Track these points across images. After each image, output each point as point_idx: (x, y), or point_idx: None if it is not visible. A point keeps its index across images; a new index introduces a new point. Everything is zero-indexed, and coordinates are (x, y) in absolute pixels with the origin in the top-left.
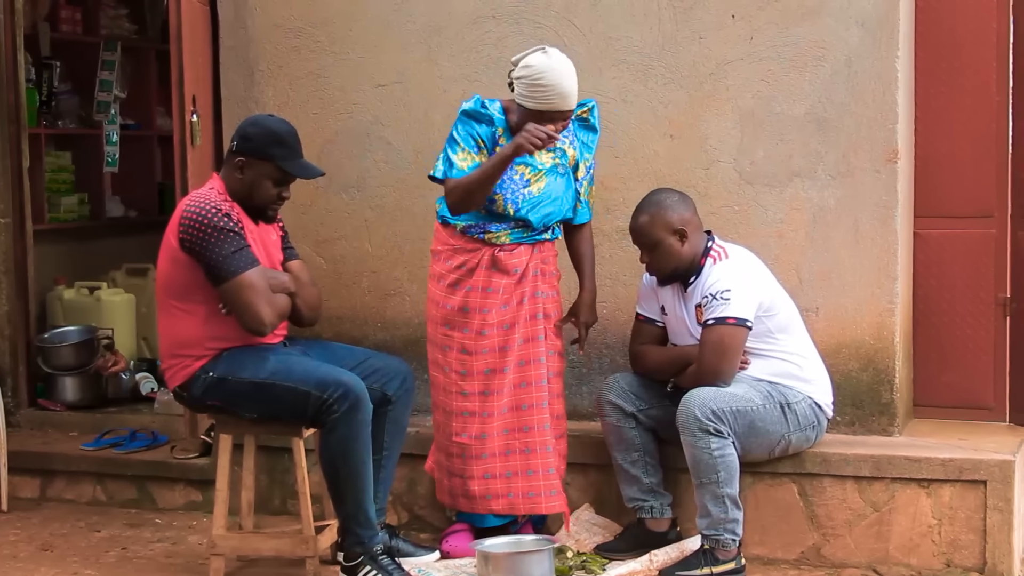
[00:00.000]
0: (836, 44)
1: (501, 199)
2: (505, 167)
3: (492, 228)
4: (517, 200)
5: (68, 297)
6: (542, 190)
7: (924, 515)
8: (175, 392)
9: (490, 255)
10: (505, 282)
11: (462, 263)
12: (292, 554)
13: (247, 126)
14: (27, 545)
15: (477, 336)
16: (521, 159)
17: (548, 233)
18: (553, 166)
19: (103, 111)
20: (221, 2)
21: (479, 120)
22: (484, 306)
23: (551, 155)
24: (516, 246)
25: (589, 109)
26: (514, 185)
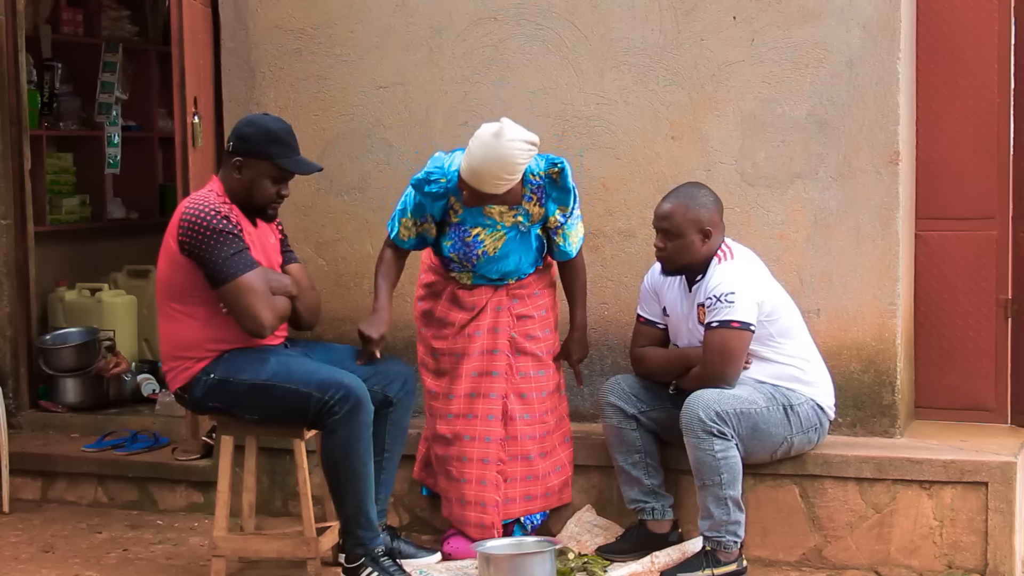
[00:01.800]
0: (837, 46)
1: (457, 257)
2: None
3: (455, 269)
4: (472, 259)
5: (69, 299)
6: (498, 249)
7: (925, 517)
8: (176, 394)
9: (451, 290)
10: (461, 316)
11: (432, 282)
12: (293, 555)
13: (242, 126)
14: (28, 546)
15: (432, 357)
16: (475, 222)
17: (513, 278)
18: (514, 226)
19: (104, 113)
20: (222, 4)
21: (427, 194)
22: (440, 334)
23: (512, 213)
24: (477, 287)
25: (560, 171)
26: (467, 247)
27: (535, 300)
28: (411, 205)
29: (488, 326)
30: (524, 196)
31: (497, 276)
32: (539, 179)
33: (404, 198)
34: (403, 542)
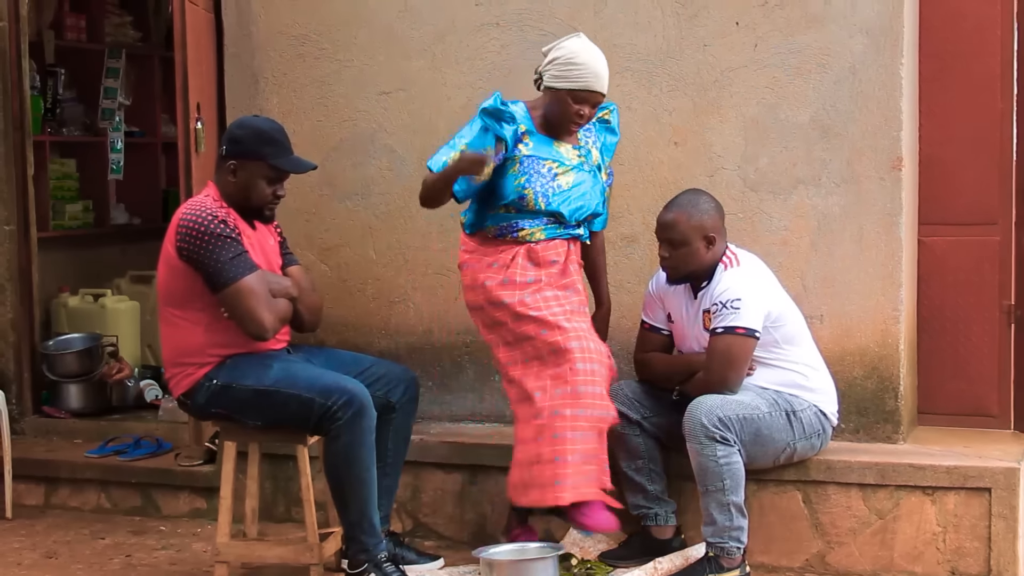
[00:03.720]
0: (840, 52)
1: (531, 193)
2: (452, 180)
3: (525, 225)
4: (547, 192)
5: (72, 304)
6: (571, 183)
7: (929, 523)
8: (179, 400)
9: (525, 250)
10: (546, 272)
11: (493, 262)
12: (296, 561)
13: (234, 129)
14: (31, 552)
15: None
16: (547, 155)
17: (582, 229)
18: (579, 163)
19: (107, 118)
20: (225, 10)
21: (499, 118)
22: (526, 288)
23: (576, 152)
24: (550, 241)
25: (610, 111)
26: (542, 179)
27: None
28: (473, 134)
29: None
30: (580, 138)
31: (571, 215)
32: (590, 124)
33: (459, 134)
34: (406, 548)
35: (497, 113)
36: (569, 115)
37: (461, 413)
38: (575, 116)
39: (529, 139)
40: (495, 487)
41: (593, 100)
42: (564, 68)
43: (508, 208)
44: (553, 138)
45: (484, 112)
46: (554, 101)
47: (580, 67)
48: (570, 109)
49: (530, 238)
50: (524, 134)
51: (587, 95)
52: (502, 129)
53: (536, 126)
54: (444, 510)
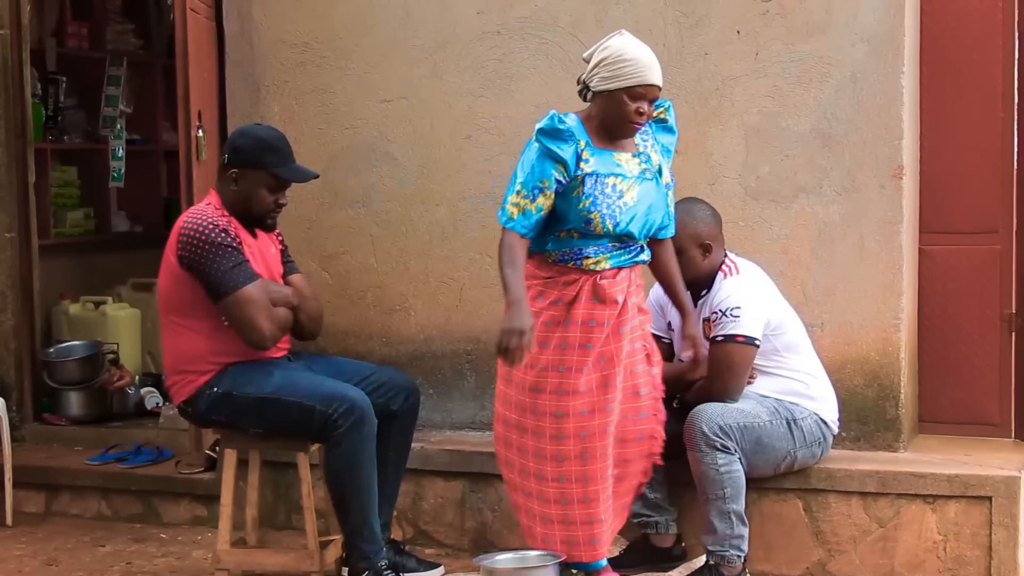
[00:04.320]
0: (841, 60)
1: (598, 217)
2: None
3: (590, 252)
4: (615, 214)
5: (73, 312)
6: (636, 199)
7: (929, 531)
8: (180, 407)
9: (591, 285)
10: (608, 313)
11: (557, 298)
12: (297, 569)
13: (236, 137)
14: (32, 560)
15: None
16: (609, 171)
17: (644, 253)
18: (641, 172)
19: (109, 126)
20: (227, 17)
21: (557, 138)
22: (588, 340)
23: (637, 160)
24: (617, 271)
25: (665, 109)
26: (607, 199)
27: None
28: (532, 166)
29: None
30: (637, 143)
31: (642, 233)
32: (645, 126)
33: (517, 168)
34: (406, 556)
35: (554, 133)
36: (628, 115)
37: (462, 421)
38: (634, 116)
39: (589, 155)
40: (495, 495)
41: (650, 95)
42: (614, 67)
43: (570, 231)
44: (611, 150)
45: (540, 133)
46: (609, 105)
47: (631, 62)
48: (628, 109)
49: (594, 267)
50: (583, 150)
51: (644, 90)
52: (561, 151)
53: (592, 139)
54: (445, 518)
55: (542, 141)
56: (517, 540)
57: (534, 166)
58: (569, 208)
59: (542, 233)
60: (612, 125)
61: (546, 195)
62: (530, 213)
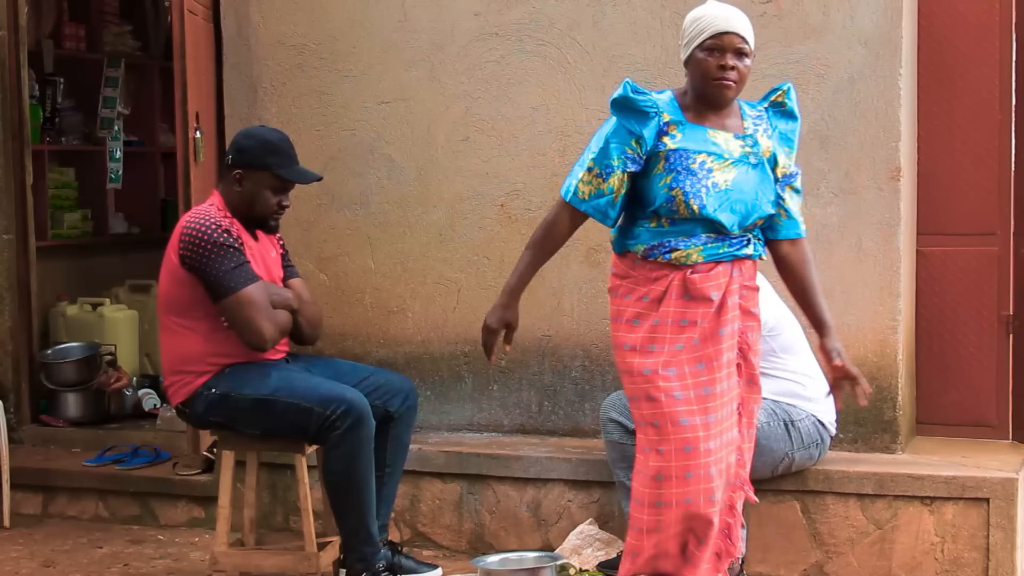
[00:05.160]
0: (839, 62)
1: (680, 195)
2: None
3: (679, 244)
4: (699, 193)
5: (71, 313)
6: (730, 182)
7: (927, 533)
8: (178, 409)
9: (680, 280)
10: (702, 311)
11: (644, 294)
12: (294, 571)
13: (240, 138)
14: (29, 561)
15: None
16: (700, 147)
17: (749, 247)
18: (743, 155)
19: (106, 128)
20: (224, 19)
21: (631, 109)
22: (676, 341)
23: (740, 143)
24: (712, 265)
25: (784, 92)
26: (693, 176)
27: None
28: (605, 140)
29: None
30: (746, 126)
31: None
32: (760, 110)
33: (591, 141)
34: (404, 557)
35: (628, 104)
36: (710, 72)
37: (459, 423)
38: (716, 71)
39: (676, 130)
40: (493, 496)
41: (731, 45)
42: (688, 30)
43: (658, 218)
44: (707, 126)
45: (613, 105)
46: (694, 71)
47: (703, 18)
48: (708, 66)
49: (685, 261)
50: (670, 124)
51: (719, 40)
52: (636, 124)
53: (686, 114)
54: (442, 519)
55: (616, 114)
56: (514, 541)
57: (608, 140)
58: (651, 186)
59: (628, 223)
60: (702, 92)
61: (619, 176)
62: (601, 193)
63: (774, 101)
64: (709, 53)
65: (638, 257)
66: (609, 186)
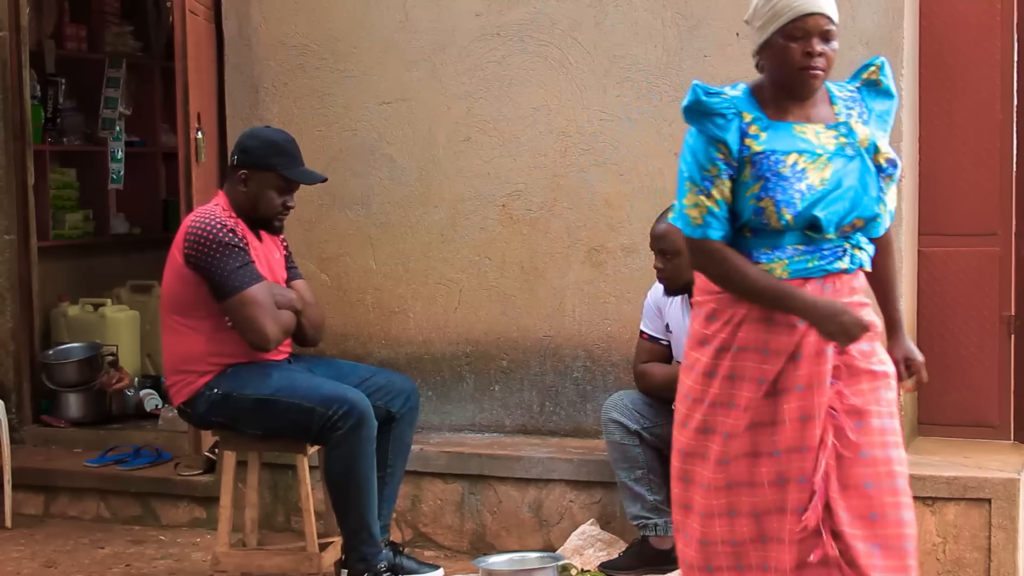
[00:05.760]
0: (840, 62)
1: (771, 205)
2: (780, 307)
3: (762, 258)
4: (793, 200)
5: (72, 314)
6: (829, 180)
7: (928, 533)
8: (179, 409)
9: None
10: (785, 339)
11: (730, 317)
12: (296, 571)
13: (245, 139)
14: (31, 562)
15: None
16: (788, 146)
17: (844, 259)
18: (839, 148)
19: (108, 128)
20: (226, 20)
21: (707, 113)
22: (761, 374)
23: (832, 133)
24: (798, 284)
25: (877, 67)
26: (784, 182)
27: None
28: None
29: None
30: (836, 113)
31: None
32: (851, 91)
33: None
34: (405, 558)
35: (702, 108)
36: (795, 61)
37: (461, 423)
38: (803, 59)
39: (759, 129)
40: (494, 497)
41: (816, 27)
42: (764, 11)
43: (744, 229)
44: (792, 121)
45: (687, 113)
46: (773, 58)
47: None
48: (793, 54)
49: None
50: (751, 124)
51: (805, 23)
52: (716, 129)
53: (766, 110)
54: (444, 520)
55: (692, 122)
56: (516, 542)
57: (696, 153)
58: (738, 196)
59: None
60: (785, 83)
61: (721, 184)
62: (714, 210)
63: (867, 79)
64: (791, 39)
65: None
66: (719, 200)
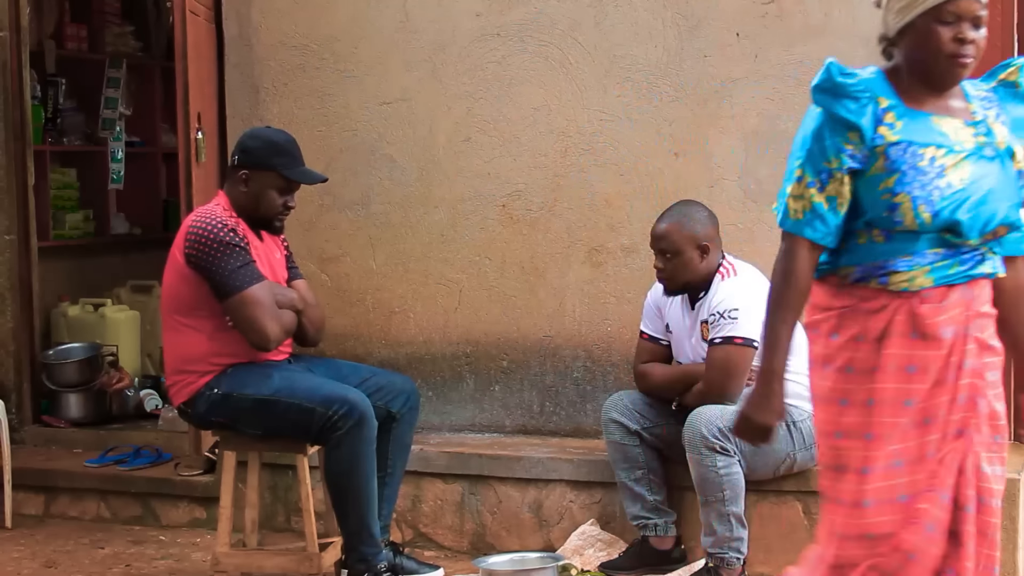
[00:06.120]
0: (841, 63)
1: (907, 201)
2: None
3: (899, 265)
4: (931, 197)
5: (72, 314)
6: (968, 179)
7: None
8: (180, 409)
9: (906, 313)
10: (933, 354)
11: (859, 333)
12: (296, 571)
13: (246, 139)
14: (31, 562)
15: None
16: (926, 139)
17: (985, 264)
18: (978, 147)
19: (108, 128)
20: (226, 20)
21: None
22: (907, 395)
23: (971, 131)
24: (943, 292)
25: (1017, 68)
26: (922, 176)
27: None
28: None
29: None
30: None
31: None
32: (986, 90)
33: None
34: (406, 558)
35: (837, 89)
36: (943, 47)
37: (461, 423)
38: (952, 45)
39: (895, 117)
40: (495, 497)
41: (969, 12)
42: None
43: (870, 230)
44: (930, 112)
45: (818, 92)
46: (915, 42)
47: None
48: (942, 39)
49: (908, 287)
50: (886, 111)
51: (955, 4)
52: (850, 113)
53: (903, 97)
54: (444, 520)
55: (822, 103)
56: (516, 542)
57: (818, 139)
58: (867, 191)
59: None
60: (927, 70)
61: (839, 180)
62: (821, 208)
63: (1004, 79)
64: (941, 22)
65: (845, 282)
66: (830, 196)
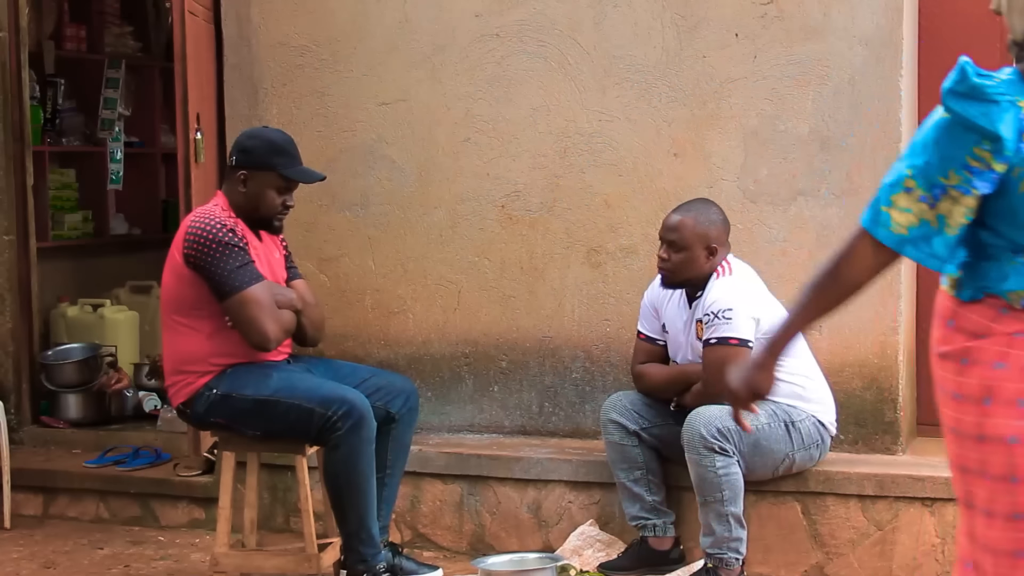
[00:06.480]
0: (839, 63)
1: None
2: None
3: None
4: None
5: (72, 314)
6: None
7: (928, 534)
8: (179, 409)
9: None
10: None
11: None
12: (295, 572)
13: (244, 139)
14: (29, 563)
15: None
16: None
17: None
18: None
19: (107, 129)
20: (225, 20)
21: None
22: None
23: None
24: None
25: None
26: None
27: None
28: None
29: None
30: None
31: None
32: None
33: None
34: (405, 559)
35: (974, 92)
36: None
37: (460, 424)
38: None
39: None
40: (494, 498)
41: None
42: None
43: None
44: None
45: (951, 96)
46: None
47: None
48: None
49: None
50: None
51: None
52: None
53: None
54: (443, 520)
55: (953, 107)
56: (515, 542)
57: (941, 147)
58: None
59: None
60: None
61: (954, 198)
62: (929, 227)
63: None
64: None
65: (1009, 306)
66: (940, 214)
